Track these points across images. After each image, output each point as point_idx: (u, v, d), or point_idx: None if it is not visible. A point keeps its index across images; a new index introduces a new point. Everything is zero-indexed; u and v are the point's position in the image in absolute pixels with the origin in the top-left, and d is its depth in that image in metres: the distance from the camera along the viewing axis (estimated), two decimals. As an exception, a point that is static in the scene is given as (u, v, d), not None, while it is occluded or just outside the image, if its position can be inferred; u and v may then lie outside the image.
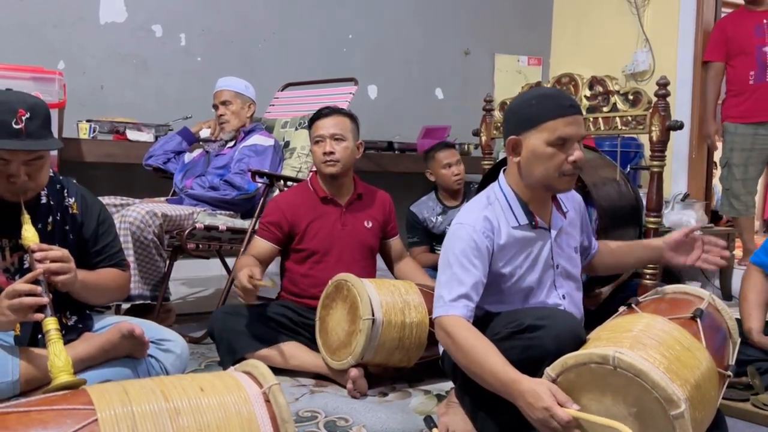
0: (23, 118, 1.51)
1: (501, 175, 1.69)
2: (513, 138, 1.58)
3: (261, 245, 2.23)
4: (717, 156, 4.16)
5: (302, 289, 2.24)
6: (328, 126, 2.23)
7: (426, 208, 3.28)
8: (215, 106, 2.93)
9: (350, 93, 3.11)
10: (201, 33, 3.88)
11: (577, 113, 1.56)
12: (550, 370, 1.29)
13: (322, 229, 2.24)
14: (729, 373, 1.41)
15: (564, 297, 1.67)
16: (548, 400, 1.24)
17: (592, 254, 1.85)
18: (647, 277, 2.24)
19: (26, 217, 1.56)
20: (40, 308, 1.45)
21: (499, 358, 1.39)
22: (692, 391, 1.21)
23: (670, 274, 3.89)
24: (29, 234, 1.54)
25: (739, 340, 1.58)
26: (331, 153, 2.20)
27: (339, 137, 2.22)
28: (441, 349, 1.74)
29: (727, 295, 3.62)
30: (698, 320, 1.42)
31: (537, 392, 1.26)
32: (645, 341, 1.27)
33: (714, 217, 4.08)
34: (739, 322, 1.73)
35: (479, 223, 1.58)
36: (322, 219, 2.24)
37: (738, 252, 3.84)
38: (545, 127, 1.53)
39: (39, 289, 1.46)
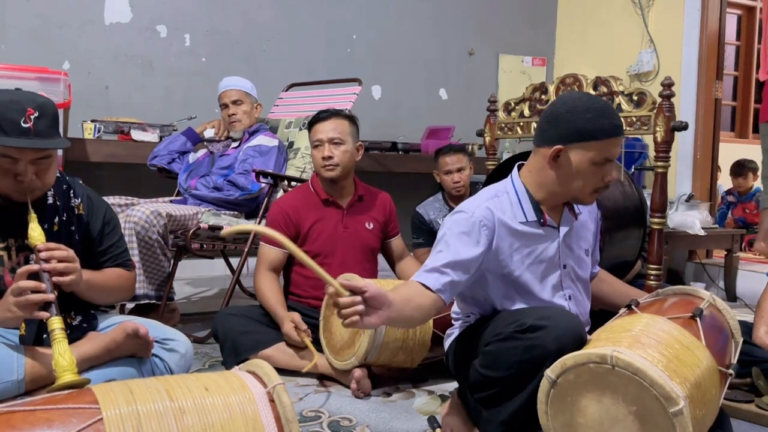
0: (32, 117, 1.52)
1: (515, 171, 1.66)
2: (559, 147, 1.52)
3: (272, 254, 2.23)
4: (722, 157, 4.15)
5: (305, 290, 2.25)
6: (326, 130, 2.22)
7: (432, 209, 3.27)
8: (225, 105, 2.93)
9: (354, 93, 3.11)
10: (206, 33, 3.89)
11: (623, 133, 1.55)
12: (550, 372, 1.29)
13: (324, 231, 2.24)
14: (730, 371, 1.41)
15: (570, 298, 1.66)
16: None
17: (591, 274, 1.83)
18: (651, 278, 2.25)
19: (33, 216, 1.56)
20: (46, 306, 1.46)
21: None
22: (692, 389, 1.21)
23: (674, 276, 3.89)
24: (36, 233, 1.54)
25: (741, 340, 1.58)
26: (330, 157, 2.20)
27: (337, 141, 2.21)
28: (445, 349, 1.74)
29: (731, 296, 3.61)
30: (698, 319, 1.42)
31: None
32: (644, 340, 1.27)
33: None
34: (743, 324, 1.72)
35: (479, 211, 1.56)
36: (324, 221, 2.25)
37: (742, 254, 3.82)
38: (596, 146, 1.50)
39: (43, 286, 1.46)
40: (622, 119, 1.62)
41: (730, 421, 1.52)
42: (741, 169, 5.18)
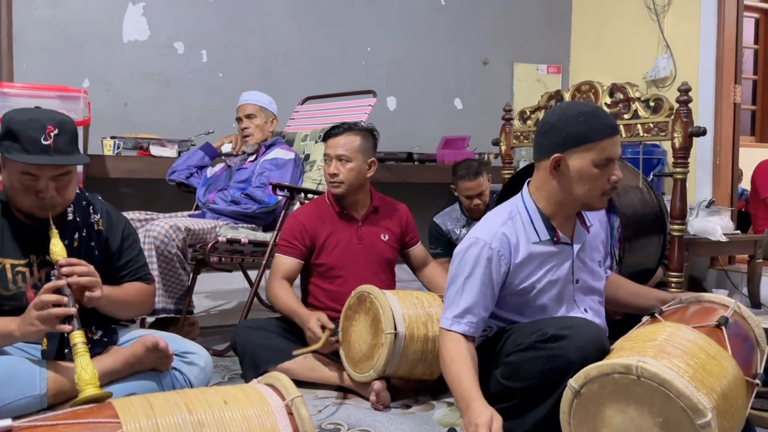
0: (52, 134, 1.54)
1: (525, 188, 1.67)
2: (557, 156, 1.53)
3: (287, 263, 2.23)
4: (743, 162, 4.10)
5: (322, 302, 2.25)
6: (336, 146, 2.23)
7: (450, 219, 3.27)
8: (239, 119, 2.96)
9: (369, 105, 3.12)
10: (222, 50, 3.94)
11: (618, 132, 1.56)
12: (573, 382, 1.27)
13: (339, 244, 2.24)
14: (757, 381, 1.38)
15: (586, 311, 1.65)
16: (483, 420, 1.34)
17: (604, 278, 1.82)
18: (672, 286, 2.21)
19: (54, 232, 1.59)
20: (67, 320, 1.48)
21: (470, 376, 1.48)
22: (719, 399, 1.19)
23: (696, 283, 3.83)
24: (57, 248, 1.56)
25: (767, 348, 1.55)
26: (335, 174, 2.21)
27: (345, 158, 2.21)
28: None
29: (755, 303, 3.55)
30: (723, 328, 1.39)
31: (478, 412, 1.37)
32: (669, 350, 1.25)
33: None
34: (768, 331, 1.69)
35: (496, 240, 1.56)
36: (338, 233, 2.25)
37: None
38: (594, 147, 1.50)
39: (66, 299, 1.48)
40: (615, 120, 1.64)
41: (756, 430, 1.49)
42: None
